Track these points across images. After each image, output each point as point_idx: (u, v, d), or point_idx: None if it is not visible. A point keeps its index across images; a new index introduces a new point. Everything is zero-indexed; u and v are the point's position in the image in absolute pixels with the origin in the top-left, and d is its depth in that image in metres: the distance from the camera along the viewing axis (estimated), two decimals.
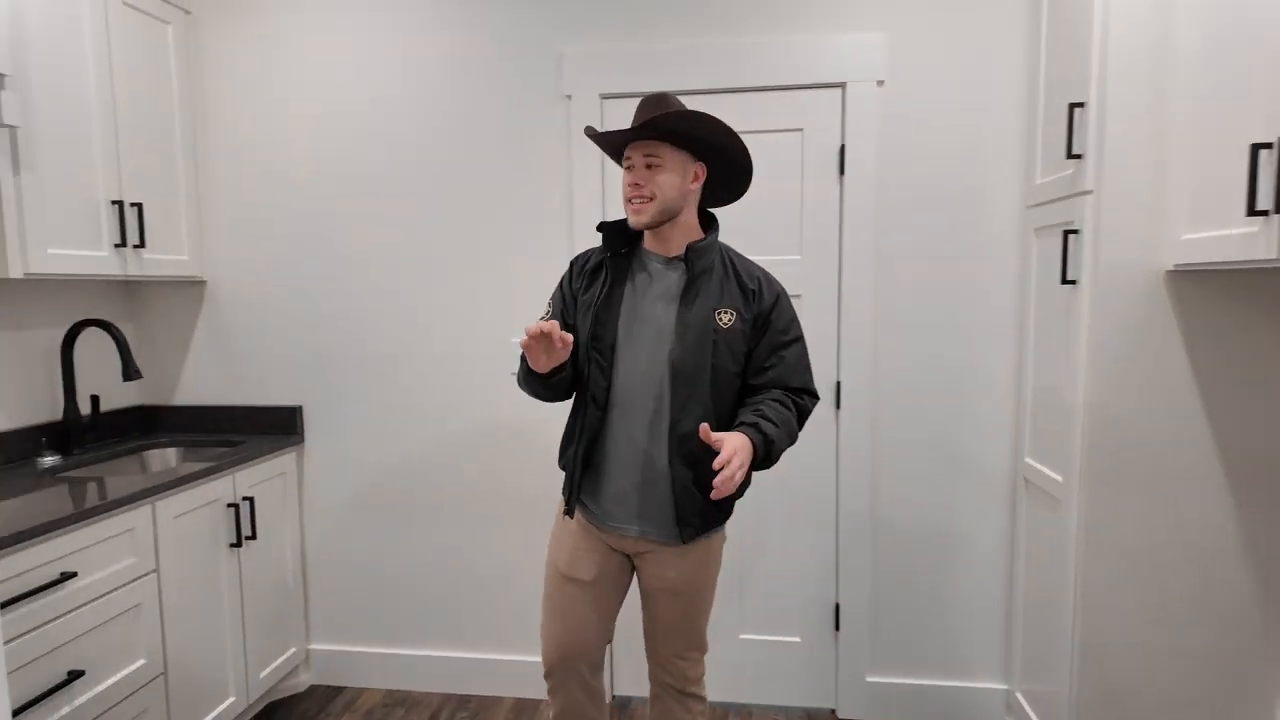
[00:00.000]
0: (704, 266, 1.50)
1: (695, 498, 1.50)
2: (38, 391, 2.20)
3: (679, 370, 1.46)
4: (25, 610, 1.52)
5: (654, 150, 1.45)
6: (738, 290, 1.51)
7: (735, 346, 1.49)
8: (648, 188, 1.45)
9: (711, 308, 1.48)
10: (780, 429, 1.44)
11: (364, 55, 2.37)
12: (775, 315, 1.52)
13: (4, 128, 1.78)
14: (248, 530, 2.22)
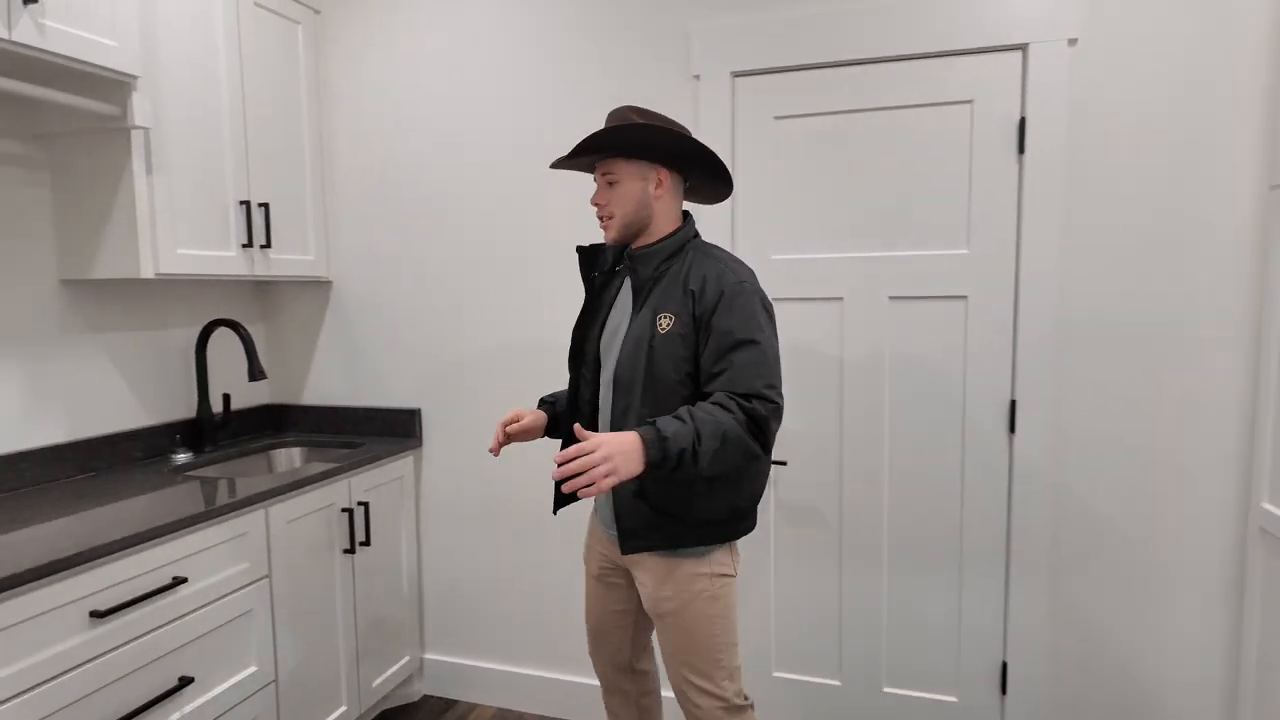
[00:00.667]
0: (649, 273, 1.46)
1: (642, 511, 1.42)
2: (175, 389, 2.25)
3: (617, 380, 1.44)
4: (137, 615, 1.50)
5: (609, 167, 1.43)
6: (681, 292, 1.41)
7: (675, 352, 1.39)
8: (608, 206, 1.45)
9: (653, 313, 1.42)
10: (689, 425, 1.26)
11: (487, 45, 2.27)
12: (718, 316, 1.36)
13: (137, 130, 1.80)
14: (362, 536, 2.17)
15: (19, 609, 1.29)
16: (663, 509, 1.42)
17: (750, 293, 1.39)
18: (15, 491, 1.81)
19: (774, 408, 1.34)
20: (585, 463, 1.20)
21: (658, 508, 1.42)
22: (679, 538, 1.44)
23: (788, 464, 2.10)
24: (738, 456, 1.31)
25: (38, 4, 1.51)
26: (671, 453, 1.25)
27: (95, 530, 1.50)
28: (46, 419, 1.90)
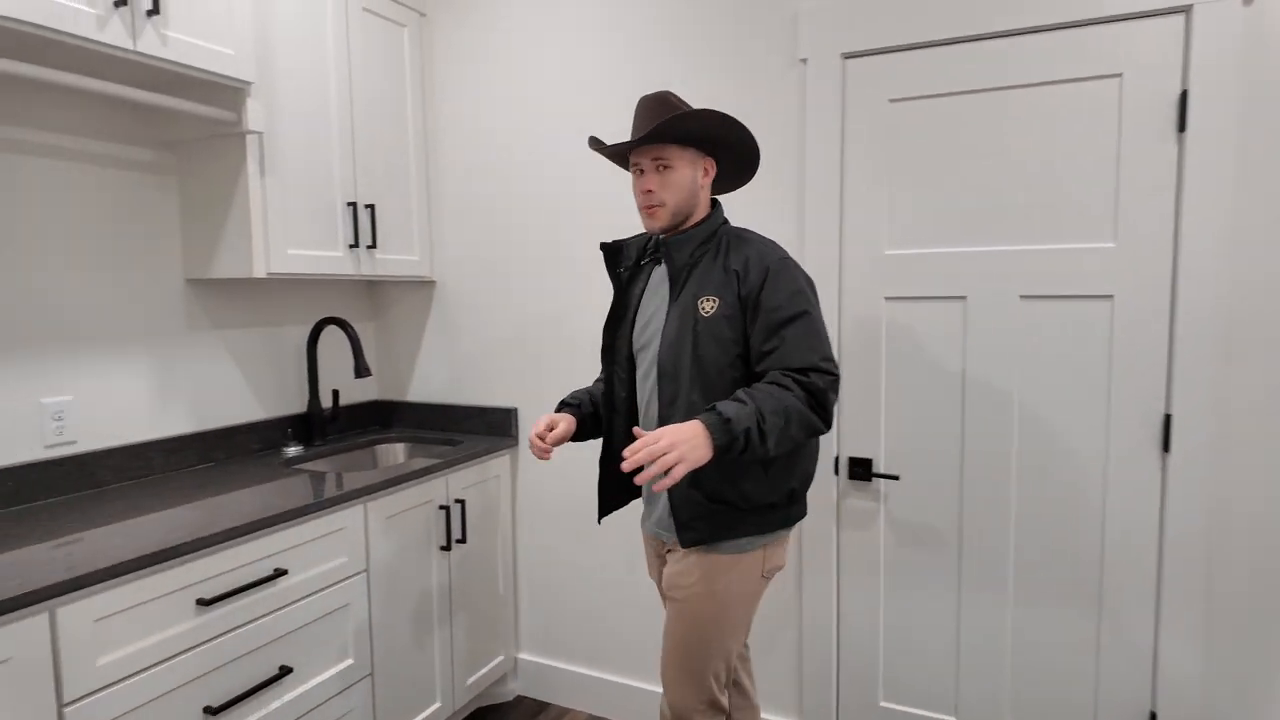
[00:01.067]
0: (684, 259, 1.44)
1: (696, 500, 1.40)
2: (288, 385, 2.35)
3: (663, 367, 1.42)
4: (240, 604, 1.54)
5: (662, 153, 1.41)
6: (722, 274, 1.41)
7: (722, 335, 1.38)
8: (659, 193, 1.42)
9: (694, 297, 1.41)
10: (749, 405, 1.25)
11: (589, 40, 2.23)
12: (766, 293, 1.37)
13: (251, 134, 1.87)
14: (458, 533, 2.18)
15: (134, 593, 1.35)
16: (718, 497, 1.40)
17: (793, 267, 1.41)
18: (143, 479, 1.92)
19: (831, 379, 1.34)
20: (653, 452, 1.19)
21: (713, 496, 1.40)
22: (735, 527, 1.42)
23: (900, 478, 1.93)
24: (802, 433, 1.30)
25: (160, 15, 1.58)
26: (737, 434, 1.23)
27: (207, 520, 1.56)
28: (172, 411, 2.01)
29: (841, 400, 1.98)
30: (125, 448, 1.88)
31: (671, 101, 1.44)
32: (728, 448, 1.23)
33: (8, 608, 1.16)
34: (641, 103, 1.46)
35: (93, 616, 1.29)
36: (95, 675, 1.29)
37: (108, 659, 1.31)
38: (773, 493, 1.42)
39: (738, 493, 1.40)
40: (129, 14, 1.52)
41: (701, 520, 1.41)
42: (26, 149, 1.68)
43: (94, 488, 1.81)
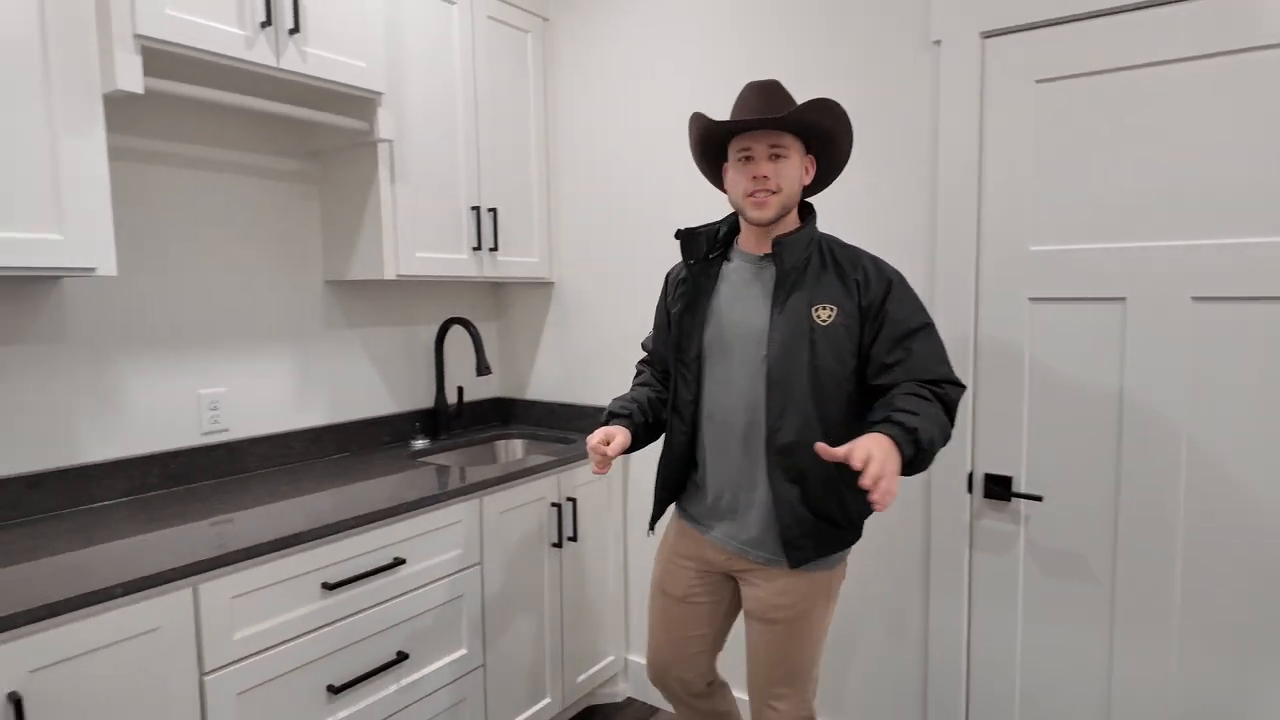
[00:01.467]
0: (796, 261, 1.38)
1: (804, 518, 1.37)
2: (417, 381, 2.46)
3: (772, 376, 1.36)
4: (362, 590, 1.62)
5: (780, 140, 1.35)
6: (838, 282, 1.37)
7: (839, 344, 1.35)
8: (774, 180, 1.36)
9: (807, 304, 1.36)
10: (922, 417, 1.25)
11: (710, 34, 2.18)
12: (891, 304, 1.35)
13: (383, 143, 1.96)
14: (569, 531, 2.20)
15: (268, 574, 1.45)
16: (824, 515, 1.39)
17: (906, 281, 1.40)
18: (285, 466, 2.07)
19: (961, 391, 1.36)
20: (884, 472, 1.15)
21: (820, 514, 1.39)
22: (833, 543, 1.42)
23: (1043, 500, 1.75)
24: (943, 441, 1.30)
25: (300, 33, 1.69)
26: (923, 445, 1.23)
27: (337, 507, 1.65)
28: (312, 403, 2.16)
29: (977, 411, 1.82)
30: (270, 436, 2.04)
31: (783, 89, 1.40)
32: (911, 462, 1.23)
33: (157, 581, 1.27)
34: (750, 88, 1.40)
35: (231, 593, 1.39)
36: (232, 648, 1.40)
37: (243, 634, 1.41)
38: (862, 506, 1.42)
39: (840, 509, 1.40)
40: (273, 33, 1.64)
41: (809, 538, 1.39)
42: (189, 163, 1.86)
43: (242, 472, 1.98)
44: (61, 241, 1.37)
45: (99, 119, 1.42)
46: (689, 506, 1.56)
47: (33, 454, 1.61)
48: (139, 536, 1.47)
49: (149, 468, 1.78)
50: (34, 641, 1.15)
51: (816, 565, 1.43)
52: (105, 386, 1.72)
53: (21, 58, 1.32)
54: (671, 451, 1.52)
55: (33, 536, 1.47)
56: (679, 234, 1.48)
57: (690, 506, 1.56)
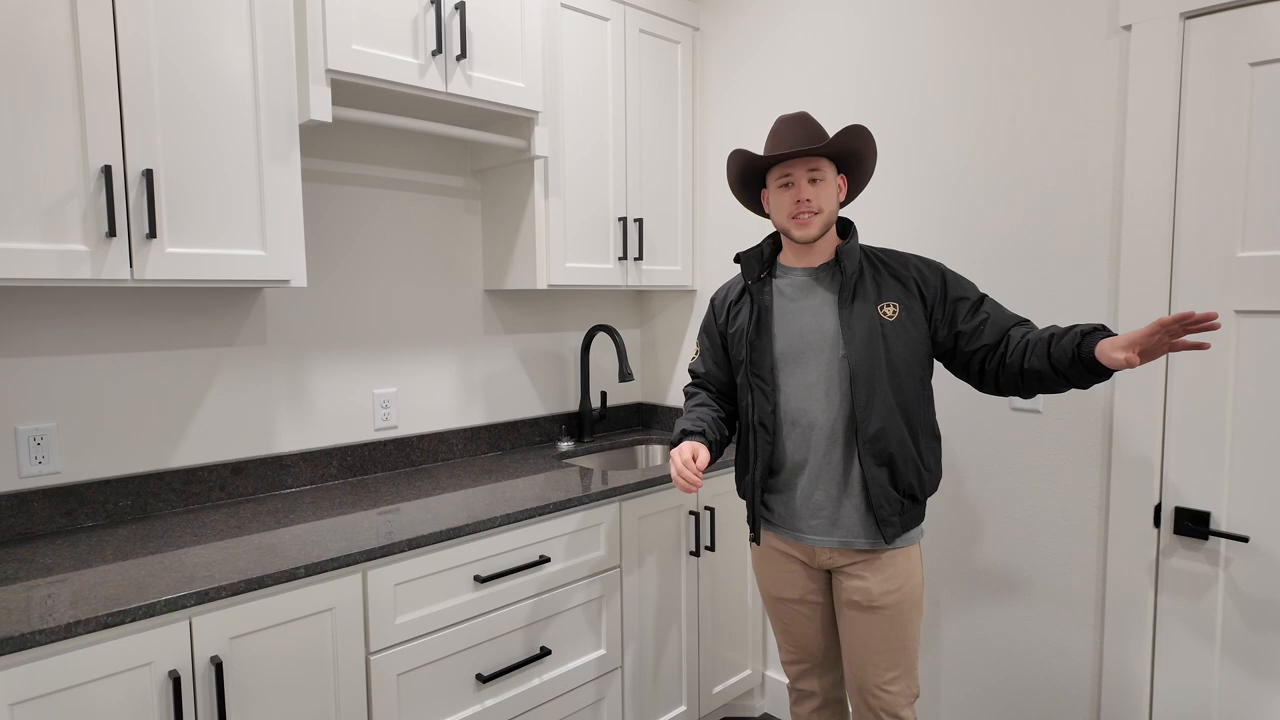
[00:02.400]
0: (854, 267, 1.51)
1: (892, 497, 1.49)
2: (564, 385, 2.56)
3: (857, 372, 1.47)
4: (510, 585, 1.71)
5: (817, 165, 1.49)
6: (894, 282, 1.52)
7: (909, 337, 1.50)
8: (815, 201, 1.48)
9: (873, 304, 1.50)
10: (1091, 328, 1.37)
11: (860, 40, 2.10)
12: (952, 287, 1.52)
13: (538, 159, 2.06)
14: (706, 540, 2.19)
15: (427, 564, 1.56)
16: (908, 491, 1.50)
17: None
18: (446, 460, 2.22)
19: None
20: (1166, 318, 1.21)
21: (904, 491, 1.49)
22: (914, 516, 1.52)
23: (1249, 541, 1.53)
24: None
25: (466, 58, 1.80)
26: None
27: (490, 504, 1.75)
28: (472, 404, 2.30)
29: (1167, 437, 1.62)
30: (433, 434, 2.19)
31: (813, 120, 1.51)
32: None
33: (332, 566, 1.41)
34: (784, 121, 1.52)
35: (394, 580, 1.51)
36: (394, 631, 1.51)
37: (404, 619, 1.53)
38: (934, 485, 1.54)
39: (920, 483, 1.51)
40: (442, 60, 1.77)
41: (897, 515, 1.49)
42: (365, 183, 2.04)
43: (409, 466, 2.14)
44: (264, 257, 1.55)
45: (295, 146, 1.59)
46: (777, 511, 1.60)
47: (238, 443, 1.83)
48: (320, 521, 1.63)
49: (330, 459, 1.97)
50: (234, 612, 1.31)
51: (907, 540, 1.53)
52: (296, 385, 1.93)
53: (238, 98, 1.50)
54: (760, 461, 1.58)
55: (236, 516, 1.67)
56: (738, 257, 1.61)
57: (783, 513, 1.59)
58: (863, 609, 1.53)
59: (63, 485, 1.58)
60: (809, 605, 1.63)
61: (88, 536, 1.54)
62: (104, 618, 1.17)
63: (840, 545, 1.52)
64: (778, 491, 1.59)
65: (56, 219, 1.31)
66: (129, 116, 1.38)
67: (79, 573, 1.34)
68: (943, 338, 1.51)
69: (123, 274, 1.38)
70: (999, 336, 1.46)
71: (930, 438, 1.53)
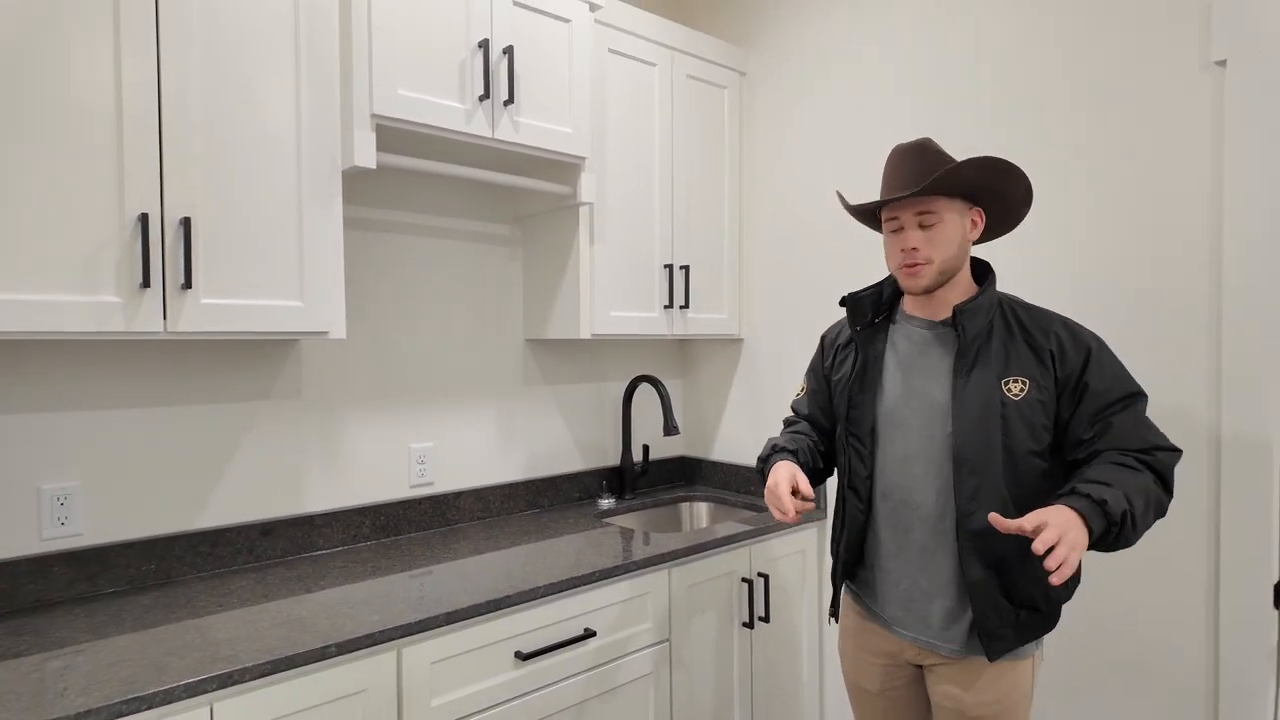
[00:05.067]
0: (979, 329, 1.28)
1: (1004, 607, 1.25)
2: (605, 438, 2.44)
3: (962, 455, 1.25)
4: (553, 662, 1.57)
5: (927, 206, 1.26)
6: (1029, 352, 1.26)
7: (1034, 420, 1.24)
8: (924, 250, 1.27)
9: (996, 377, 1.26)
10: (1116, 487, 1.13)
11: (916, 83, 2.02)
12: (1091, 374, 1.24)
13: (583, 206, 1.99)
14: (761, 610, 2.04)
15: (465, 640, 1.44)
16: (1028, 603, 1.26)
17: (1107, 346, 1.27)
18: (482, 519, 2.11)
19: (1174, 456, 1.22)
20: (1064, 543, 1.06)
21: (1021, 601, 1.26)
22: (1033, 629, 1.28)
23: None
24: (1155, 517, 1.19)
25: (514, 104, 1.75)
26: (1115, 517, 1.11)
27: (530, 570, 1.63)
28: (509, 458, 2.19)
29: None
30: (471, 490, 2.08)
31: (931, 149, 1.28)
32: (1102, 536, 1.12)
33: (366, 643, 1.29)
34: (898, 152, 1.31)
35: (430, 658, 1.39)
36: (430, 715, 1.39)
37: (440, 700, 1.40)
38: (1069, 591, 1.29)
39: (1043, 595, 1.26)
40: (489, 106, 1.71)
41: (1009, 628, 1.26)
42: (406, 230, 1.98)
43: (444, 525, 2.03)
44: (302, 308, 1.48)
45: (338, 193, 1.53)
46: (864, 593, 1.44)
47: (268, 502, 1.74)
48: (351, 586, 1.52)
49: (363, 519, 1.87)
50: (259, 697, 1.19)
51: (1015, 655, 1.29)
52: (330, 440, 1.84)
53: (280, 144, 1.45)
54: (850, 531, 1.42)
55: (263, 583, 1.57)
56: (844, 300, 1.42)
57: (865, 594, 1.44)
58: (954, 717, 1.32)
59: (85, 548, 1.50)
60: (889, 700, 1.43)
61: (107, 605, 1.44)
62: (118, 705, 1.06)
63: (925, 646, 1.34)
64: (868, 567, 1.42)
65: (90, 269, 1.25)
66: (169, 163, 1.32)
67: (95, 646, 1.24)
68: (1062, 426, 1.26)
69: (155, 326, 1.31)
70: (1087, 455, 1.22)
71: None
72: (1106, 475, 1.16)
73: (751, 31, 2.42)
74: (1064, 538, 1.06)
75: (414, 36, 1.59)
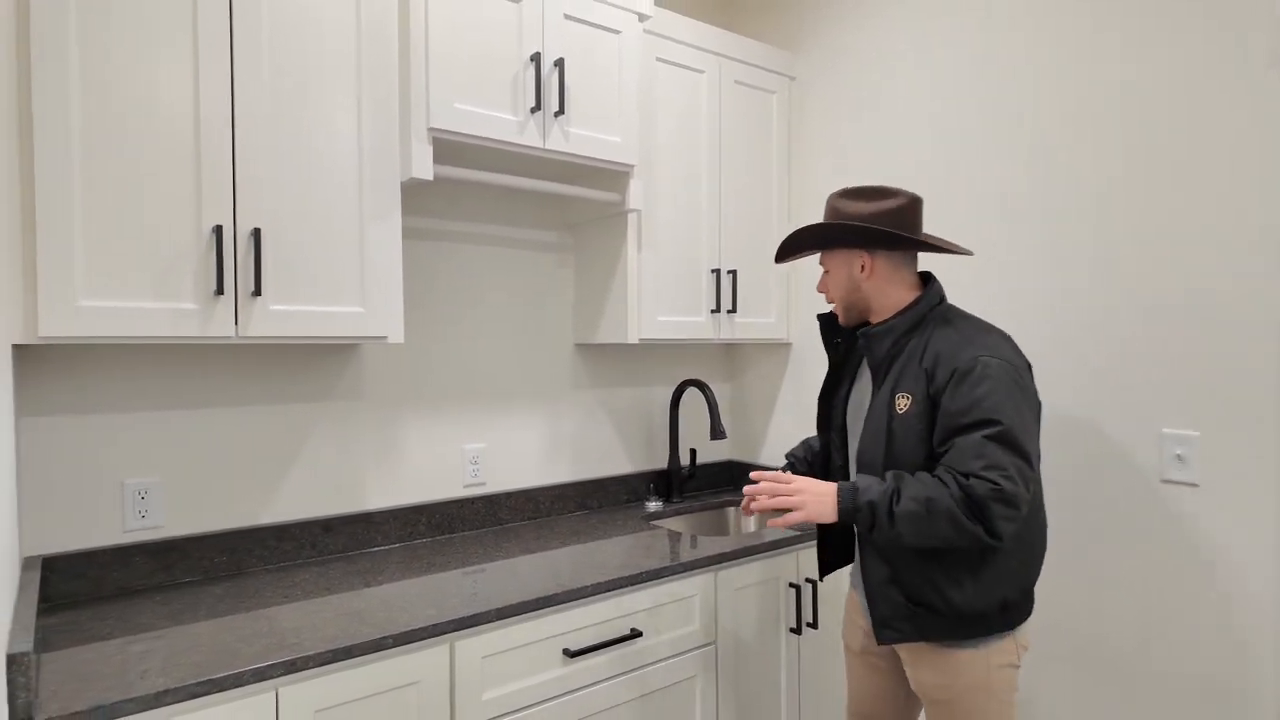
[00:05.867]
0: (884, 352, 1.41)
1: (894, 600, 1.38)
2: (652, 441, 2.47)
3: (860, 461, 1.42)
4: (600, 660, 1.60)
5: (822, 258, 1.49)
6: (918, 369, 1.36)
7: (913, 434, 1.34)
8: (829, 292, 1.49)
9: (890, 392, 1.38)
10: (888, 485, 1.28)
11: (972, 85, 1.99)
12: (949, 397, 1.30)
13: (632, 213, 2.02)
14: (808, 616, 2.03)
15: (515, 635, 1.48)
16: (919, 600, 1.36)
17: (985, 372, 1.28)
18: (532, 519, 2.16)
19: (991, 489, 1.22)
20: (775, 489, 1.34)
21: (911, 598, 1.37)
22: (934, 630, 1.37)
23: None
24: (950, 532, 1.24)
25: (564, 114, 1.79)
26: (861, 504, 1.28)
27: (578, 569, 1.66)
28: (559, 460, 2.24)
29: None
30: (521, 491, 2.14)
31: (833, 204, 1.45)
32: (850, 514, 1.30)
33: (420, 636, 1.34)
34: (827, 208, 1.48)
35: (482, 653, 1.43)
36: (481, 708, 1.43)
37: (491, 694, 1.45)
38: (980, 601, 1.34)
39: (941, 599, 1.34)
40: (540, 117, 1.76)
41: (905, 621, 1.38)
42: (460, 238, 2.04)
43: (495, 524, 2.08)
44: (363, 314, 1.55)
45: (397, 205, 1.60)
46: (856, 571, 1.60)
47: (330, 499, 1.82)
48: (407, 582, 1.58)
49: (419, 516, 1.94)
50: (320, 684, 1.25)
51: (953, 644, 1.37)
52: (388, 440, 1.91)
53: (343, 159, 1.52)
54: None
55: (325, 576, 1.64)
56: (820, 319, 1.58)
57: (855, 571, 1.60)
58: (928, 700, 1.44)
59: (163, 540, 1.59)
60: (867, 664, 1.57)
61: (183, 593, 1.53)
62: (193, 687, 1.13)
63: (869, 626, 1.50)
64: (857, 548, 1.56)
65: (169, 278, 1.34)
66: (241, 177, 1.40)
67: (172, 632, 1.32)
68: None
69: (228, 331, 1.39)
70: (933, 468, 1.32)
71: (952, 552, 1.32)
72: (904, 476, 1.29)
73: (801, 35, 2.42)
74: (796, 495, 1.31)
75: (469, 52, 1.65)
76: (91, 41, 1.26)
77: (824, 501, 1.31)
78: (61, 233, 1.24)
